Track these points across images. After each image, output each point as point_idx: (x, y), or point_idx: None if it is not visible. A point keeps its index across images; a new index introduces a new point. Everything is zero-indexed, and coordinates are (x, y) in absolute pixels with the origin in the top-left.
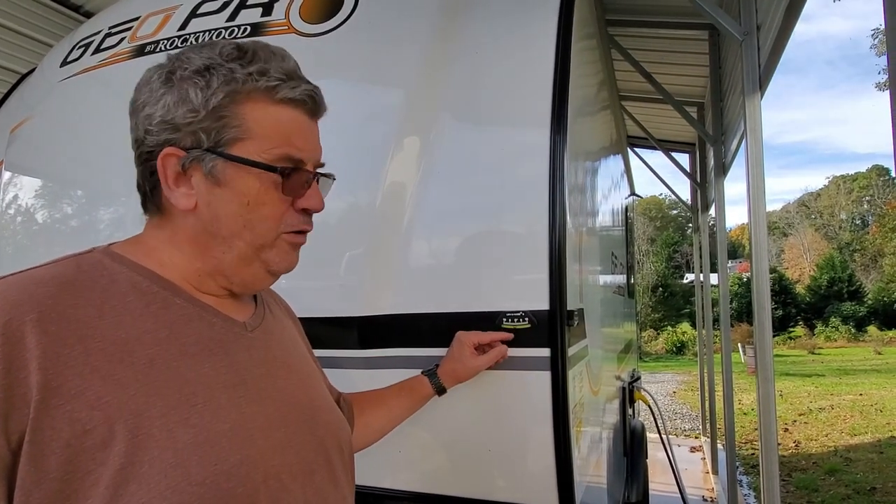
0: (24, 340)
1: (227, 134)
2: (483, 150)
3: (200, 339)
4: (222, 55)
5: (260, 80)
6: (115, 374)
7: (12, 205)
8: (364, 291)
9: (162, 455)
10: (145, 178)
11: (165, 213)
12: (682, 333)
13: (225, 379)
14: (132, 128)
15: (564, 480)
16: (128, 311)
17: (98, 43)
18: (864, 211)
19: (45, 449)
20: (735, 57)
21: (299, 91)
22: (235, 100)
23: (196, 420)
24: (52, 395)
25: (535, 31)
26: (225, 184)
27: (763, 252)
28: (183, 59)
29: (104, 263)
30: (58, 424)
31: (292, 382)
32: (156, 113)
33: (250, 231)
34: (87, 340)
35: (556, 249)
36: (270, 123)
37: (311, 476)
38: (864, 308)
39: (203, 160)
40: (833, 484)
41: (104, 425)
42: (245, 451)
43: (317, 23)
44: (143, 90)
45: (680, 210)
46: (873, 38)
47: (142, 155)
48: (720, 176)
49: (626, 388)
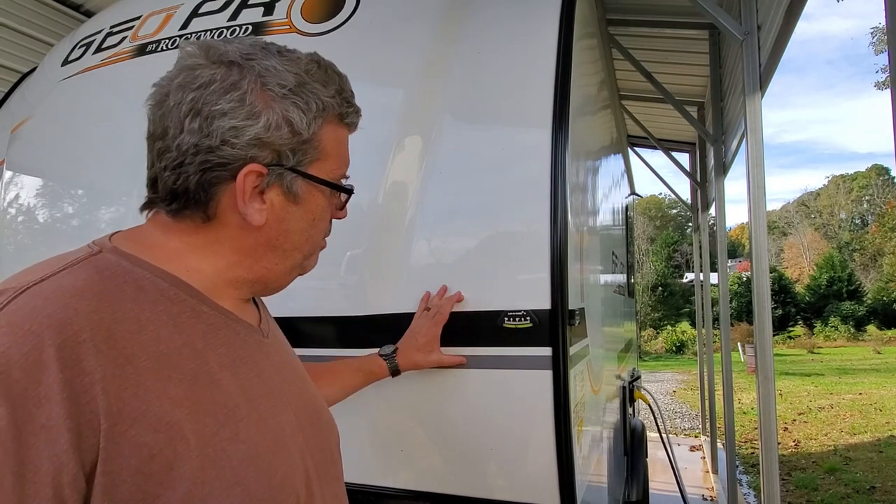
0: (81, 364)
1: (310, 155)
2: (485, 149)
3: (231, 348)
4: (308, 73)
5: (341, 105)
6: (168, 392)
7: (13, 204)
8: (365, 291)
9: (221, 475)
10: (200, 185)
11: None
12: (682, 333)
13: (258, 389)
14: (192, 129)
15: (566, 479)
16: (163, 324)
17: (99, 42)
18: (863, 210)
19: (117, 479)
20: (735, 56)
21: (359, 116)
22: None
23: (245, 435)
24: (116, 420)
25: (536, 31)
26: (301, 202)
27: (763, 251)
28: (272, 70)
29: (123, 267)
30: (125, 452)
31: (299, 386)
32: (248, 128)
33: (308, 244)
34: (136, 359)
35: (558, 249)
36: (338, 145)
37: (326, 476)
38: (864, 307)
39: (284, 177)
40: (832, 483)
41: (168, 448)
42: (288, 461)
43: (318, 22)
44: (217, 93)
45: (680, 209)
46: (872, 37)
47: (207, 162)
48: (720, 175)
49: (626, 387)
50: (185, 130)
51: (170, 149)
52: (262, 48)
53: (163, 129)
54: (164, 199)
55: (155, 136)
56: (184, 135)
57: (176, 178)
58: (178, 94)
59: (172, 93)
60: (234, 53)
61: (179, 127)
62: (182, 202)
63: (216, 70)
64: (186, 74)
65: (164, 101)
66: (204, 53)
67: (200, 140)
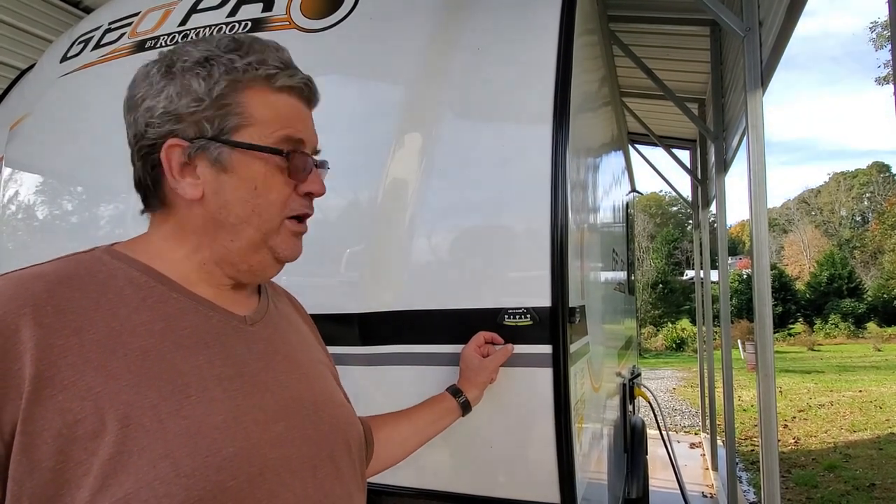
0: (18, 333)
1: (231, 122)
2: (485, 146)
3: (196, 331)
4: (220, 47)
5: (259, 68)
6: (108, 364)
7: (13, 201)
8: (365, 288)
9: (151, 445)
10: (146, 173)
11: (169, 206)
12: (682, 330)
13: (220, 371)
14: (130, 124)
15: (566, 477)
16: (123, 304)
17: (98, 38)
18: (864, 208)
19: (37, 439)
20: (737, 53)
21: (297, 79)
22: (236, 88)
23: (188, 411)
24: (45, 386)
25: (537, 27)
26: (232, 170)
27: (764, 249)
28: (181, 52)
29: (103, 260)
30: (49, 415)
31: (295, 377)
32: (157, 105)
33: (258, 216)
34: (82, 332)
35: (558, 246)
36: (270, 109)
37: (314, 471)
38: (864, 305)
39: (208, 149)
40: (832, 480)
41: (94, 415)
42: (239, 443)
43: (318, 18)
44: (141, 85)
45: (680, 207)
46: (871, 31)
47: (142, 149)
48: (721, 172)
49: (626, 384)
50: (128, 126)
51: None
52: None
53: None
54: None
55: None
56: (128, 131)
57: (135, 173)
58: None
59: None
60: (166, 51)
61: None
62: (143, 195)
63: (147, 68)
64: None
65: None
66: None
67: (136, 131)
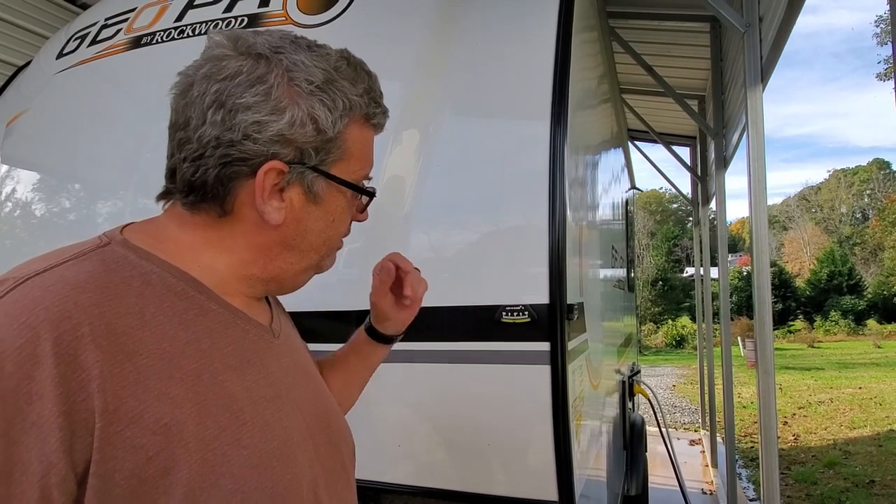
0: (78, 359)
1: (333, 154)
2: (483, 142)
3: (238, 348)
4: (337, 70)
5: (369, 105)
6: (169, 392)
7: (9, 198)
8: (362, 285)
9: (220, 482)
10: (218, 179)
11: (233, 217)
12: (682, 327)
13: (265, 392)
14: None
15: (564, 474)
16: (168, 320)
17: (94, 35)
18: (864, 205)
19: (110, 482)
20: (737, 49)
21: (386, 117)
22: (347, 122)
23: (248, 440)
24: (113, 420)
25: (535, 23)
26: (320, 202)
27: (764, 246)
28: (300, 65)
29: (130, 260)
30: (120, 454)
31: (310, 390)
32: (273, 124)
33: (326, 246)
34: (137, 357)
35: (557, 243)
36: (362, 146)
37: (335, 484)
38: (864, 302)
39: (305, 176)
40: (832, 477)
41: (165, 451)
42: (292, 469)
43: (314, 14)
44: (242, 85)
45: (680, 204)
46: (875, 26)
47: (228, 156)
48: (721, 169)
49: (625, 381)
50: (208, 122)
51: (190, 140)
52: (291, 41)
53: (185, 119)
54: (181, 191)
55: (177, 126)
56: (206, 126)
57: (195, 170)
58: (202, 85)
59: (197, 83)
60: (262, 45)
61: (202, 118)
62: (199, 195)
63: (243, 62)
64: (213, 65)
65: (188, 91)
66: (232, 44)
67: (222, 133)
